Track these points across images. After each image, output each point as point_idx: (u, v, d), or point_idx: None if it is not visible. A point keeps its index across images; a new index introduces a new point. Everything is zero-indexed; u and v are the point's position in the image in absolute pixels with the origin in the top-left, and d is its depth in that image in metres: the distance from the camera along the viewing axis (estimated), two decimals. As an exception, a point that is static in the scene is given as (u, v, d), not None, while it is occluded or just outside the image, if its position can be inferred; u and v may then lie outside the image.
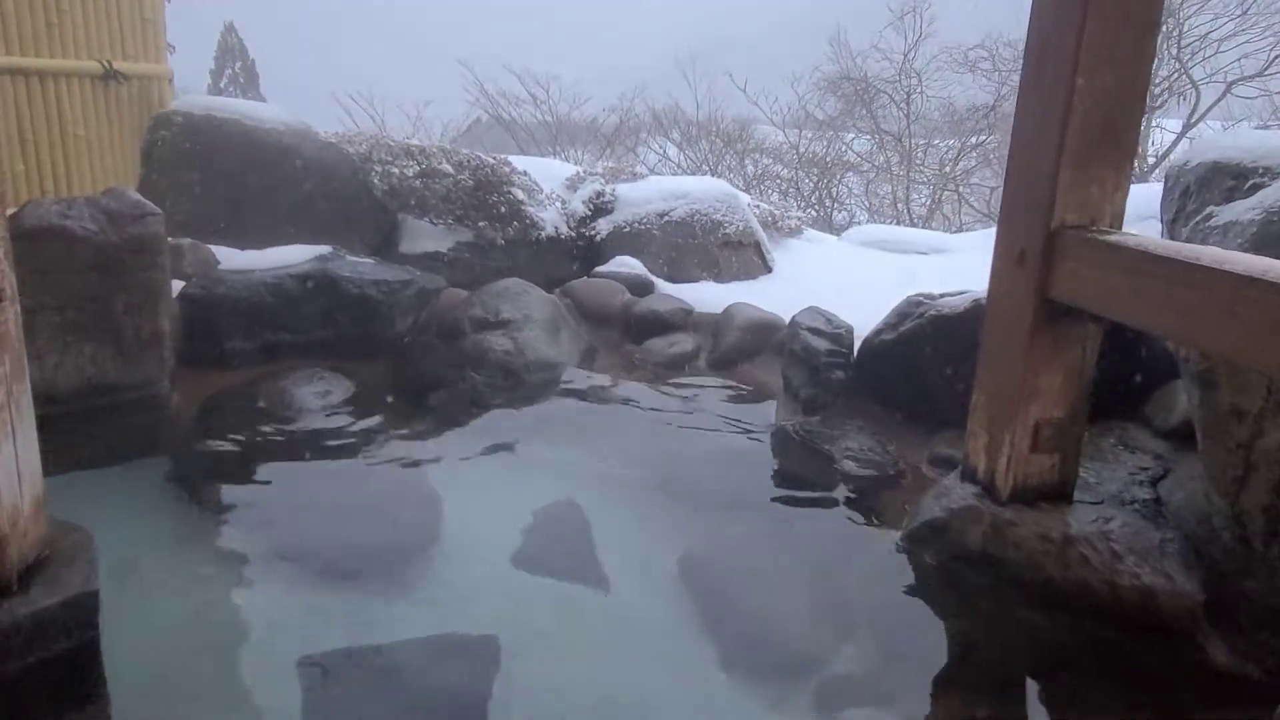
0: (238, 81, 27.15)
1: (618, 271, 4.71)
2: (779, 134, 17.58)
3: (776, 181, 17.05)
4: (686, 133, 17.73)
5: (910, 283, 5.34)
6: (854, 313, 4.31)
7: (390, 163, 4.81)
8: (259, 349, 3.90)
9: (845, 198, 16.87)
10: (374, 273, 4.10)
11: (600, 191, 5.15)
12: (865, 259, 6.09)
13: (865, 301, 4.74)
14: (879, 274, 5.57)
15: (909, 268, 5.78)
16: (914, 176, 16.49)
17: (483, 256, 4.92)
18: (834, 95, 17.10)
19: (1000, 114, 16.26)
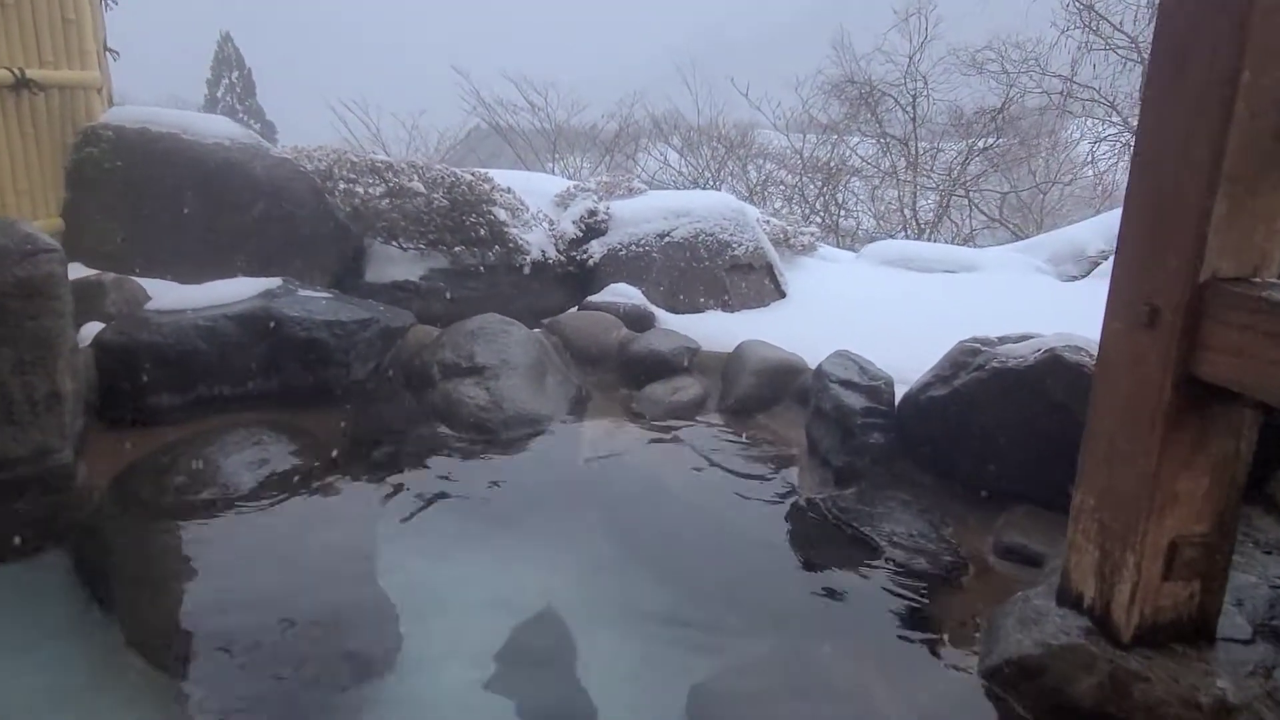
0: (234, 91, 26.59)
1: (612, 302, 4.08)
2: (781, 139, 16.96)
3: (780, 188, 16.43)
4: (688, 139, 17.12)
5: (945, 310, 4.71)
6: (886, 350, 3.68)
7: (354, 181, 4.19)
8: (190, 403, 3.27)
9: (851, 204, 16.24)
10: (327, 311, 3.47)
11: (593, 210, 4.52)
12: (888, 280, 5.45)
13: (897, 334, 4.11)
14: (907, 298, 4.93)
15: (939, 291, 5.15)
16: (920, 181, 15.86)
17: (460, 285, 4.29)
18: (838, 99, 16.46)
19: (1007, 116, 15.64)
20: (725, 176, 16.85)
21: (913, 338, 3.98)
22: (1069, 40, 14.39)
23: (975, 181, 14.87)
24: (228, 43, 25.69)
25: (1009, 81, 15.34)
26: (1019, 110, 15.78)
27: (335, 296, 3.72)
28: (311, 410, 3.40)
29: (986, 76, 15.49)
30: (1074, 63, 14.24)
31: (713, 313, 4.36)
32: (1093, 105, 14.53)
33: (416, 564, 2.54)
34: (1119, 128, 14.06)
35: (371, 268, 4.24)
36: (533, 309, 4.46)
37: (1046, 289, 5.31)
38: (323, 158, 4.18)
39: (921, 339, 3.89)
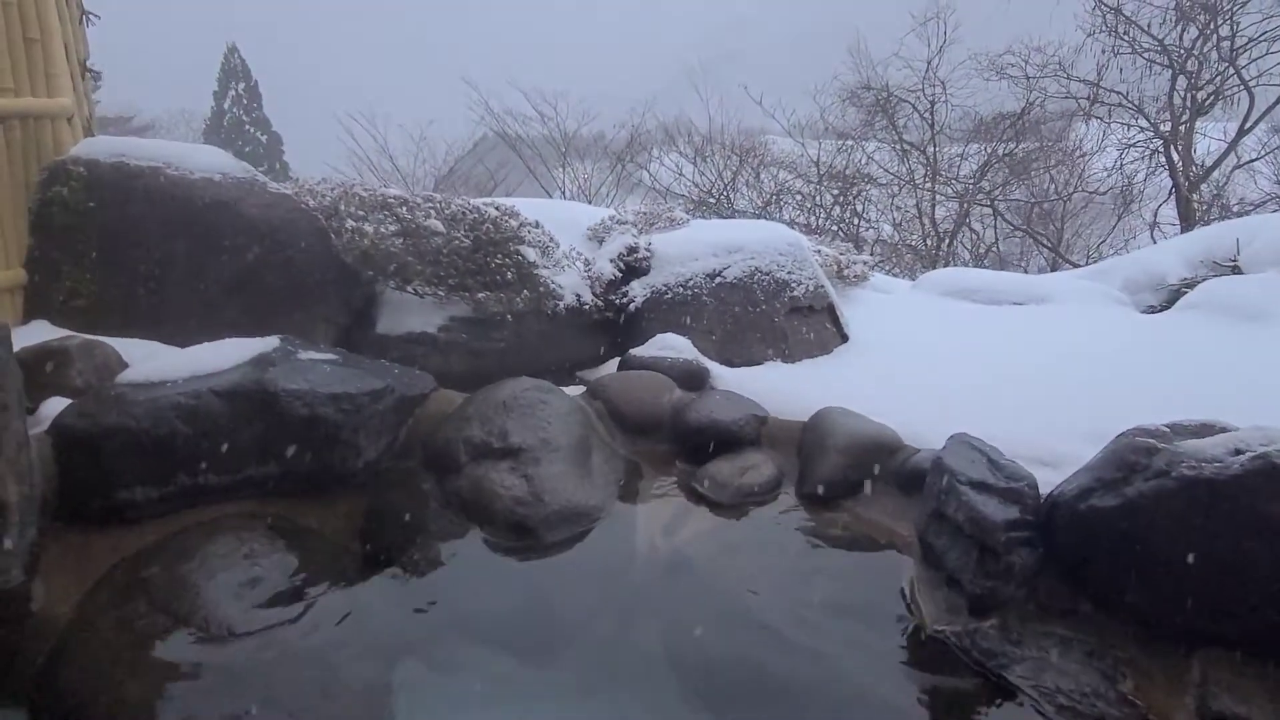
0: (241, 102, 26.07)
1: (661, 357, 3.48)
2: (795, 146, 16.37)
3: (795, 196, 15.83)
4: (700, 148, 16.52)
5: (1034, 356, 4.10)
6: (987, 418, 3.09)
7: (363, 219, 3.60)
8: (170, 496, 2.68)
9: (868, 213, 15.63)
10: (332, 381, 2.88)
11: (632, 246, 3.92)
12: (955, 315, 4.84)
13: (991, 393, 3.51)
14: (982, 340, 4.33)
15: (1014, 329, 4.54)
16: (940, 189, 15.25)
17: (484, 336, 3.69)
18: (854, 106, 15.85)
19: (1028, 122, 15.03)
20: (739, 186, 16.27)
21: (1015, 401, 3.38)
22: (1094, 44, 13.76)
23: (1002, 190, 14.24)
24: (234, 54, 25.17)
25: (1030, 86, 14.70)
26: (1040, 115, 15.16)
27: (342, 359, 3.13)
28: (315, 500, 2.82)
29: (1008, 81, 14.84)
30: (1100, 67, 13.60)
31: (772, 364, 3.76)
32: (1119, 110, 13.88)
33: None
34: (1148, 134, 13.42)
35: (384, 317, 3.66)
36: (567, 360, 3.88)
37: (1133, 325, 4.71)
38: (327, 193, 3.59)
39: (1030, 406, 3.30)
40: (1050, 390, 3.62)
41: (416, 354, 3.57)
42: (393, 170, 19.21)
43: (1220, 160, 12.73)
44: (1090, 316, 4.79)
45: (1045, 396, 3.55)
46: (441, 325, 3.65)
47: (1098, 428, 3.17)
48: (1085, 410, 3.38)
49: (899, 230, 15.51)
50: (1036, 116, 15.06)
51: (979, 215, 15.11)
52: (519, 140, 18.29)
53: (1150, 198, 14.37)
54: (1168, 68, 13.39)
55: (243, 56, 25.50)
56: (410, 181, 19.39)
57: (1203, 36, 13.15)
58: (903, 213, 15.48)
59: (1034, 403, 3.46)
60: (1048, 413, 3.35)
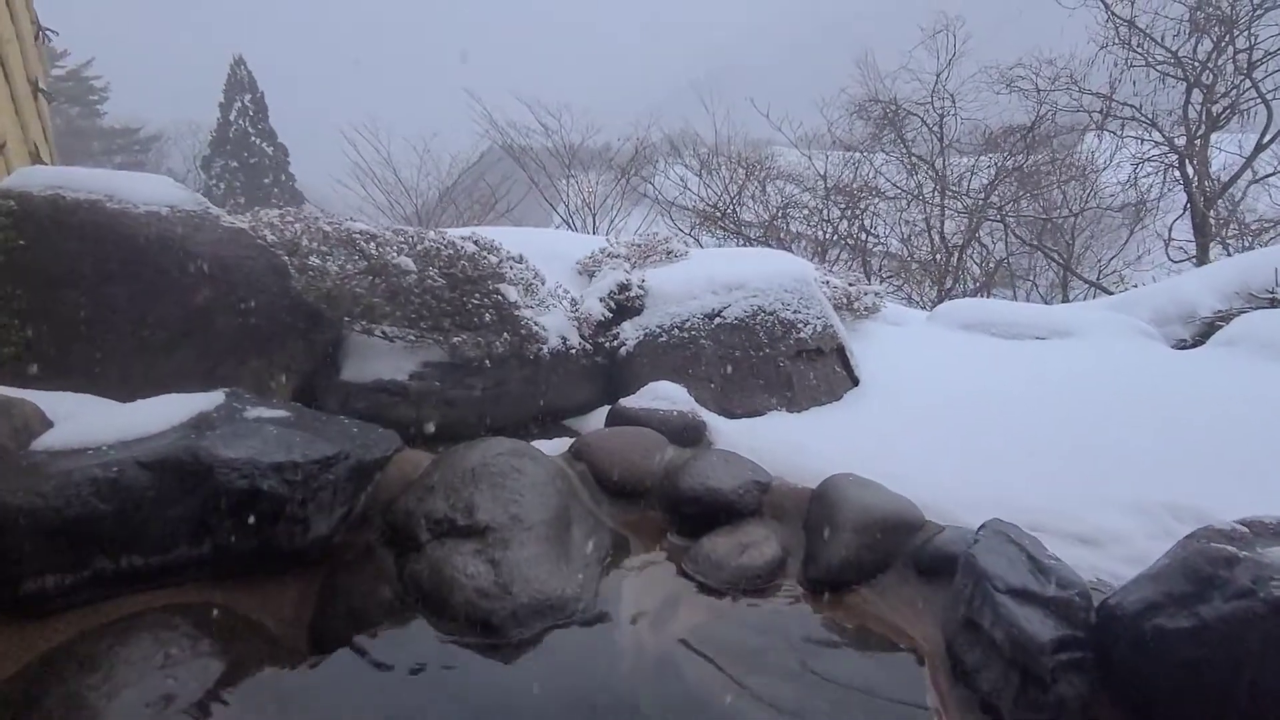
0: (247, 114, 25.84)
1: (653, 410, 3.12)
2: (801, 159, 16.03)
3: (802, 211, 15.48)
4: (705, 161, 16.19)
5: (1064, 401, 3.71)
6: (1014, 479, 2.73)
7: (327, 255, 3.25)
8: (87, 584, 2.32)
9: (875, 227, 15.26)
10: (276, 447, 2.52)
11: (624, 284, 3.56)
12: (972, 352, 4.46)
13: (1022, 448, 3.13)
14: (1005, 380, 3.95)
15: (1040, 367, 4.15)
16: (948, 204, 14.87)
17: (460, 384, 3.34)
18: (862, 119, 15.49)
19: (1038, 135, 14.64)
20: (745, 199, 15.92)
21: (1045, 460, 3.01)
22: (1107, 57, 13.36)
23: (1013, 206, 13.85)
24: (240, 66, 24.97)
25: (1040, 99, 14.30)
26: (1051, 129, 14.77)
27: (294, 418, 2.77)
28: (257, 584, 2.46)
29: (1018, 94, 14.45)
30: (1113, 80, 13.20)
31: (776, 414, 3.39)
32: (1132, 124, 13.47)
33: None
34: (1163, 148, 13.01)
35: (350, 363, 3.30)
36: (551, 409, 3.52)
37: (1167, 363, 4.32)
38: (287, 227, 3.24)
39: (1061, 466, 2.93)
40: (1082, 445, 3.25)
41: (385, 404, 3.22)
42: (396, 182, 18.94)
43: (1238, 175, 12.31)
44: (1119, 353, 4.40)
45: (1077, 453, 3.17)
46: (413, 372, 3.29)
47: (1140, 496, 2.79)
48: (1123, 472, 3.01)
49: (907, 245, 15.13)
50: (1047, 130, 14.68)
51: (988, 230, 14.72)
52: (523, 153, 18.00)
53: (1163, 213, 13.96)
54: (1182, 81, 12.99)
55: (249, 69, 25.29)
56: (414, 194, 19.12)
57: (1217, 49, 12.76)
58: (911, 227, 15.11)
59: (1065, 462, 3.08)
60: (1081, 475, 2.98)
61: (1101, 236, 15.51)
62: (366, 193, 19.16)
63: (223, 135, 25.09)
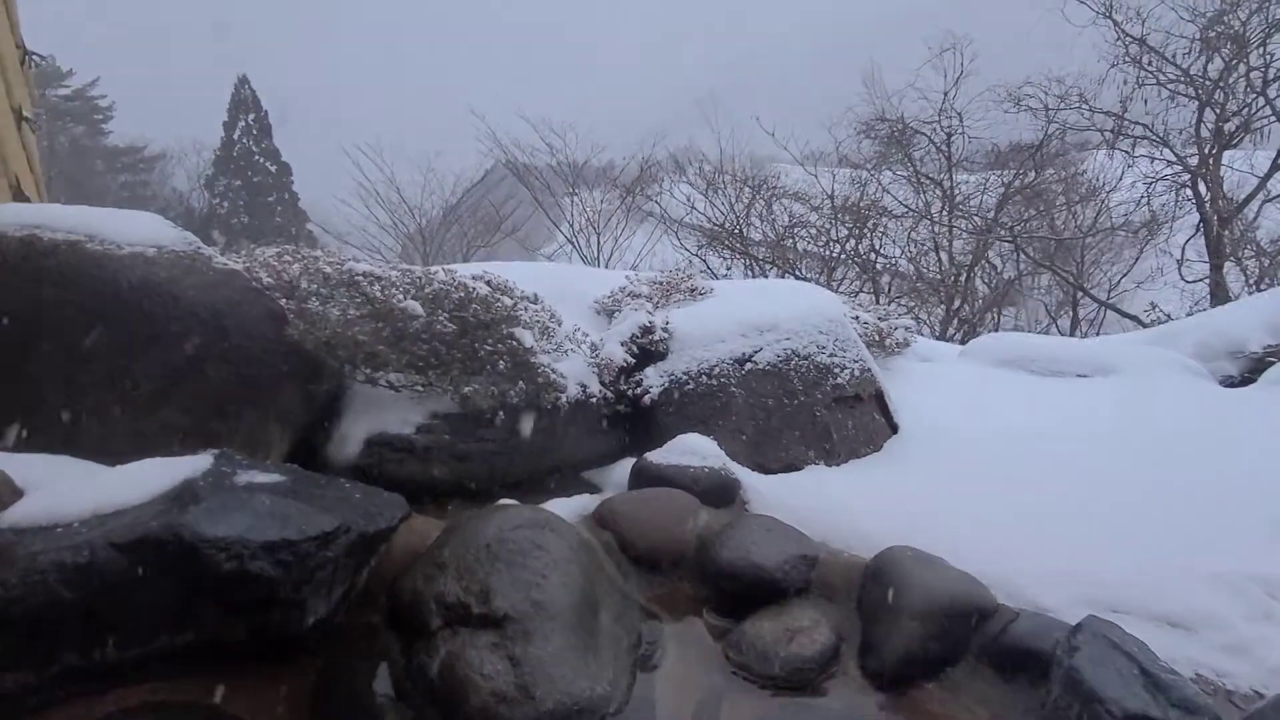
0: (251, 133, 25.69)
1: (682, 467, 2.84)
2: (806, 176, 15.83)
3: (810, 230, 15.25)
4: (711, 180, 15.98)
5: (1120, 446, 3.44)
6: (1085, 545, 2.45)
7: (327, 299, 2.98)
8: (54, 682, 2.04)
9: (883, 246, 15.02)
10: (269, 523, 2.23)
11: (647, 326, 3.28)
12: (1014, 393, 4.18)
13: (1076, 500, 2.85)
14: (1052, 424, 3.66)
15: (1087, 408, 3.87)
16: (956, 223, 14.64)
17: (472, 436, 3.05)
18: (869, 138, 15.28)
19: (1046, 154, 14.43)
20: (751, 219, 15.70)
21: (1112, 521, 2.72)
22: (1117, 75, 13.15)
23: (1025, 226, 13.61)
24: (244, 85, 24.85)
25: (1049, 118, 14.08)
26: (1059, 147, 14.56)
27: (290, 483, 2.48)
28: (248, 676, 2.17)
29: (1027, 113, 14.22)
30: (1124, 99, 12.99)
31: (814, 469, 3.11)
32: (1143, 143, 13.25)
33: None
34: (1175, 167, 12.77)
35: (352, 416, 3.03)
36: (570, 462, 3.23)
37: (1220, 404, 4.03)
38: (285, 268, 2.98)
39: (1130, 528, 2.64)
40: (1150, 501, 2.96)
41: (390, 460, 2.93)
42: (399, 202, 18.75)
43: (1254, 194, 12.06)
44: (1168, 392, 4.12)
45: (1146, 511, 2.89)
46: (421, 424, 3.01)
47: (1227, 567, 2.51)
48: (1202, 535, 2.72)
49: (915, 264, 14.90)
50: (1055, 149, 14.46)
51: (997, 249, 14.48)
52: (527, 171, 17.81)
53: (1174, 232, 13.73)
54: (1194, 99, 12.78)
55: (253, 88, 25.17)
56: (418, 213, 18.92)
57: (1229, 68, 12.56)
58: (919, 246, 14.88)
59: (1135, 522, 2.79)
60: (1157, 539, 2.69)
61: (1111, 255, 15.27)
62: (370, 212, 18.98)
63: (226, 154, 24.94)
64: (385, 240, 19.11)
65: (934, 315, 14.32)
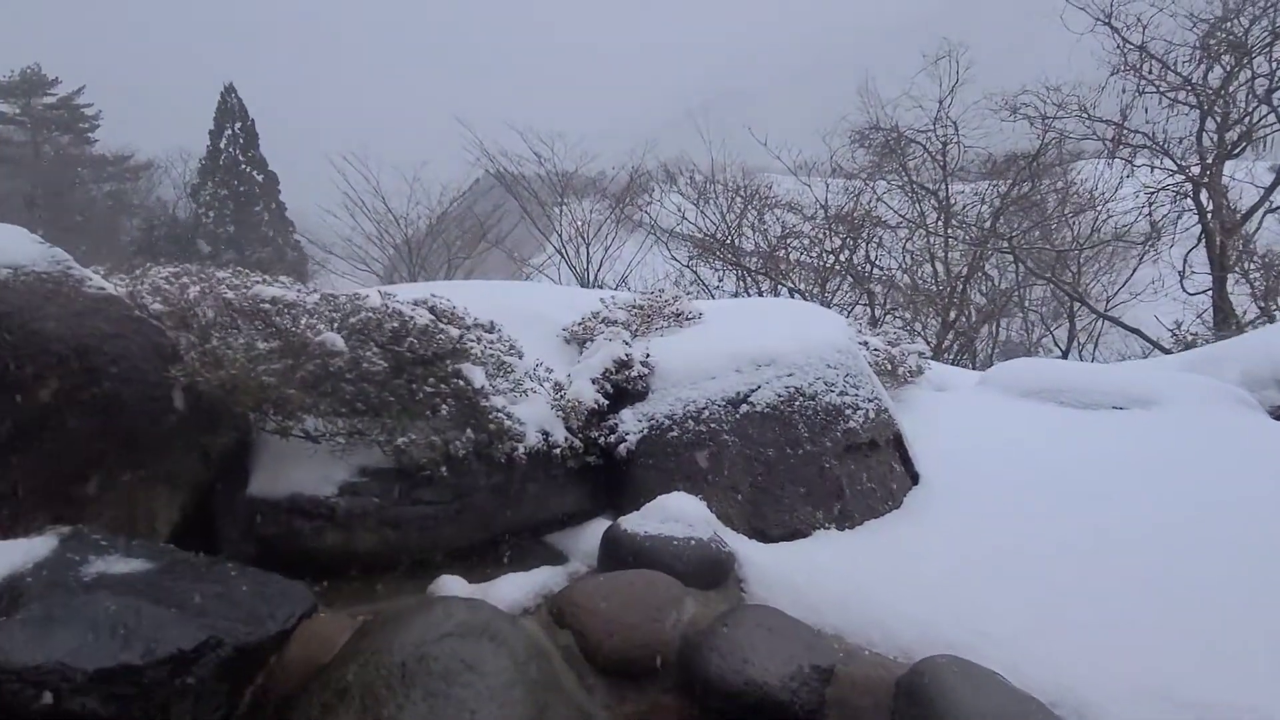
0: (237, 142, 25.01)
1: (663, 538, 2.26)
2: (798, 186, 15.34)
3: (802, 240, 14.73)
4: (702, 190, 15.46)
5: (1180, 502, 2.87)
6: (1165, 648, 1.88)
7: (228, 328, 2.40)
8: None
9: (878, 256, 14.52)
10: (104, 643, 1.64)
11: (623, 360, 2.71)
12: (1047, 428, 3.62)
13: (1139, 578, 2.29)
14: (1098, 469, 3.10)
15: (1132, 451, 3.30)
16: (952, 233, 14.14)
17: (408, 497, 2.47)
18: (863, 147, 14.77)
19: (1043, 163, 13.94)
20: (744, 229, 15.18)
21: (1191, 612, 2.16)
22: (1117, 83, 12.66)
23: (1024, 236, 13.11)
24: (230, 94, 24.22)
25: (1047, 126, 13.59)
26: (1056, 156, 14.08)
27: (153, 572, 1.90)
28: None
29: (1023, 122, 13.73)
30: (1124, 107, 12.50)
31: (824, 534, 2.54)
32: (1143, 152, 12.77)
33: None
34: (1178, 177, 12.29)
35: (260, 473, 2.44)
36: (529, 522, 2.65)
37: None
38: (177, 293, 2.39)
39: (1215, 622, 2.08)
40: (1228, 579, 2.39)
41: (304, 531, 2.35)
42: (385, 212, 18.13)
43: (1260, 203, 11.59)
44: (1220, 429, 3.57)
45: (1224, 593, 2.32)
46: (345, 483, 2.42)
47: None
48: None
49: (910, 275, 14.41)
50: (1052, 158, 13.99)
51: (994, 261, 13.99)
52: (515, 181, 17.26)
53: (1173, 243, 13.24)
54: (1195, 108, 12.32)
55: (239, 96, 24.53)
56: (404, 223, 18.31)
57: (1230, 76, 12.11)
58: (913, 256, 14.39)
59: (1214, 606, 2.23)
60: (1244, 630, 2.13)
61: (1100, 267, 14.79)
62: (356, 222, 18.38)
63: (212, 163, 24.28)
64: (372, 251, 18.52)
65: (929, 327, 13.81)
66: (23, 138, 27.91)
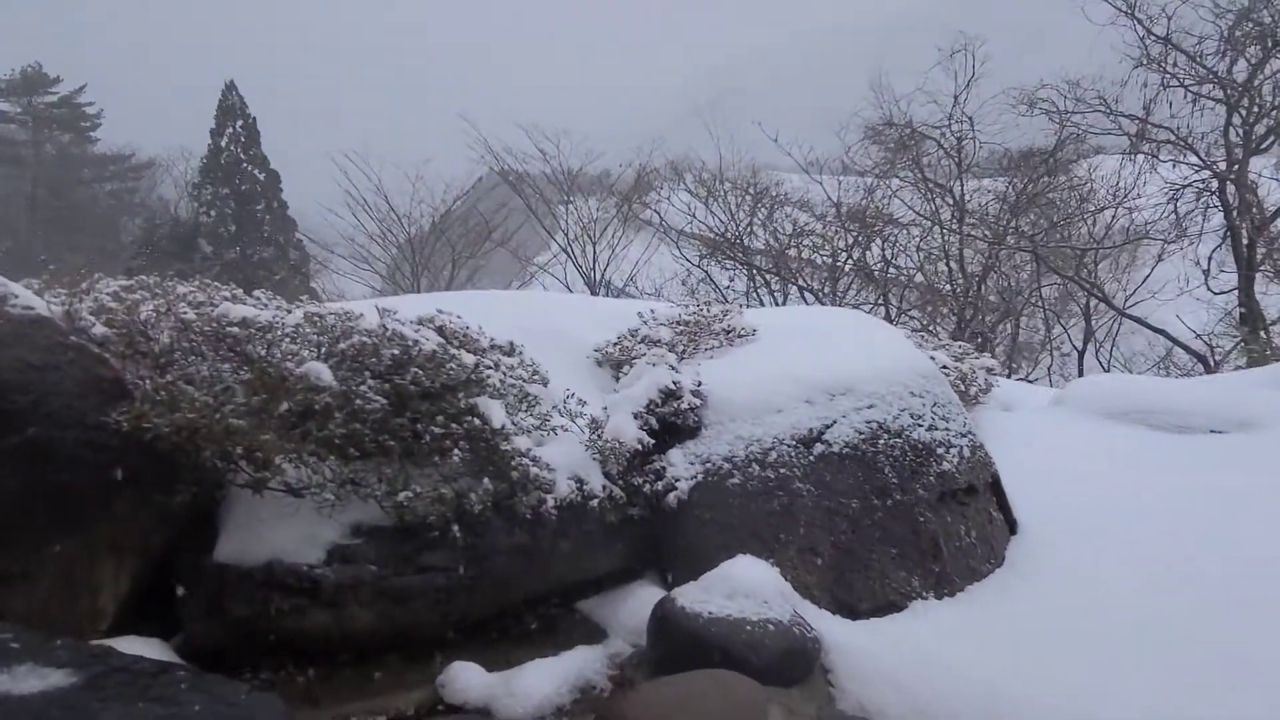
0: (238, 141, 24.48)
1: (731, 620, 1.77)
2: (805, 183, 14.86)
3: (815, 239, 14.23)
4: (712, 188, 14.96)
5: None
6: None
7: (191, 358, 1.91)
8: None
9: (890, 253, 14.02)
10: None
11: (671, 389, 2.22)
12: (1145, 457, 3.12)
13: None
14: (1217, 509, 2.60)
15: (1252, 483, 2.81)
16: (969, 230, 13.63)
17: (411, 564, 1.98)
18: (876, 143, 14.25)
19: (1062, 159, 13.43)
20: (754, 227, 14.68)
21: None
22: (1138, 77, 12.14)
23: (1044, 235, 12.60)
24: (231, 92, 23.68)
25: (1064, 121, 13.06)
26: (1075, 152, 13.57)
27: (74, 689, 1.42)
28: None
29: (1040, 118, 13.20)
30: (1147, 101, 11.98)
31: (921, 607, 2.05)
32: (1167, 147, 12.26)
33: None
34: (1205, 173, 11.78)
35: (230, 535, 1.95)
36: (560, 586, 2.16)
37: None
38: (125, 313, 1.90)
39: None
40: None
41: (282, 608, 1.86)
42: (388, 211, 17.62)
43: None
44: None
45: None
46: (334, 546, 1.94)
47: None
48: None
49: (924, 274, 13.93)
50: (1070, 154, 13.48)
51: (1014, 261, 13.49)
52: (520, 179, 16.77)
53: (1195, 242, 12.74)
54: (1222, 102, 11.81)
55: (241, 94, 23.98)
56: (407, 222, 17.80)
57: (1257, 68, 11.60)
58: (926, 255, 13.90)
59: None
60: None
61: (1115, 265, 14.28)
62: (358, 221, 17.87)
63: (213, 162, 23.72)
64: (374, 251, 18.02)
65: (945, 327, 13.33)
66: (24, 136, 27.44)
